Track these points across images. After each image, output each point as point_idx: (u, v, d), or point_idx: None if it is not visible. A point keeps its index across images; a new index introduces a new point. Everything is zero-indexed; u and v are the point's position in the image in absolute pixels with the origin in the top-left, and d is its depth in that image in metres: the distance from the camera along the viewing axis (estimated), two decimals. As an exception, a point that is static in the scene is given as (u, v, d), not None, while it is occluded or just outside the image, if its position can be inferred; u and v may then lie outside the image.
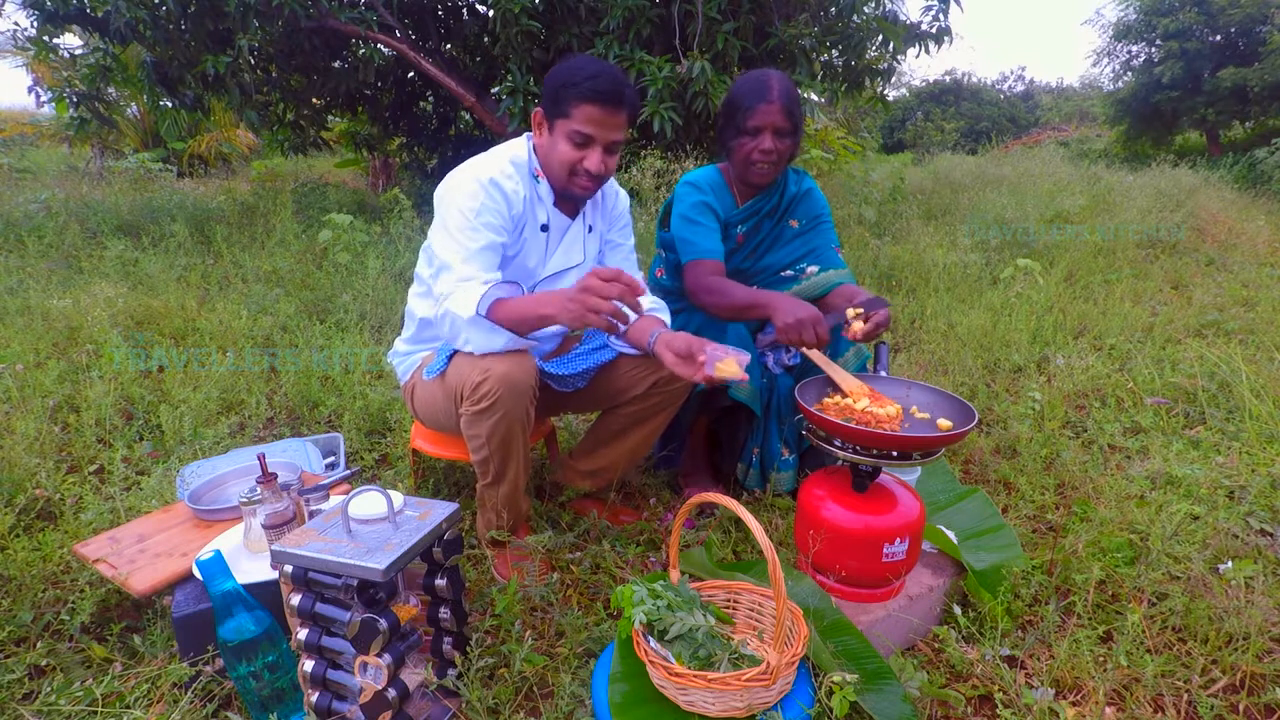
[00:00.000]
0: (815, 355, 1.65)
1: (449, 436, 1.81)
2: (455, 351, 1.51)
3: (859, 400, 1.47)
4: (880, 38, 5.81)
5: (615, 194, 1.81)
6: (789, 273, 1.93)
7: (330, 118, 7.76)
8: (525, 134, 1.65)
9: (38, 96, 6.29)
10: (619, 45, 5.06)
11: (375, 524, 1.14)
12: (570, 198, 1.61)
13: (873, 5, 5.72)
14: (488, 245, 1.49)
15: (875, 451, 1.33)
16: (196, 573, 1.27)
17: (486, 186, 1.50)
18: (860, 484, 1.42)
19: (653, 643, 1.19)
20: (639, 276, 1.85)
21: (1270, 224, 6.17)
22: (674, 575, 1.32)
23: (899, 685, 1.22)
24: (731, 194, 1.93)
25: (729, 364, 1.38)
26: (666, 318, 1.71)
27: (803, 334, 1.54)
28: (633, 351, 1.68)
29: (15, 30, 7.62)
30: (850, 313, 1.61)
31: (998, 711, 1.24)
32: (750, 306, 1.69)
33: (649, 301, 1.78)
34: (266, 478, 1.33)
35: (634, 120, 1.55)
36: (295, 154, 7.52)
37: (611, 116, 1.48)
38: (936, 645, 1.44)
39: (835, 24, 5.79)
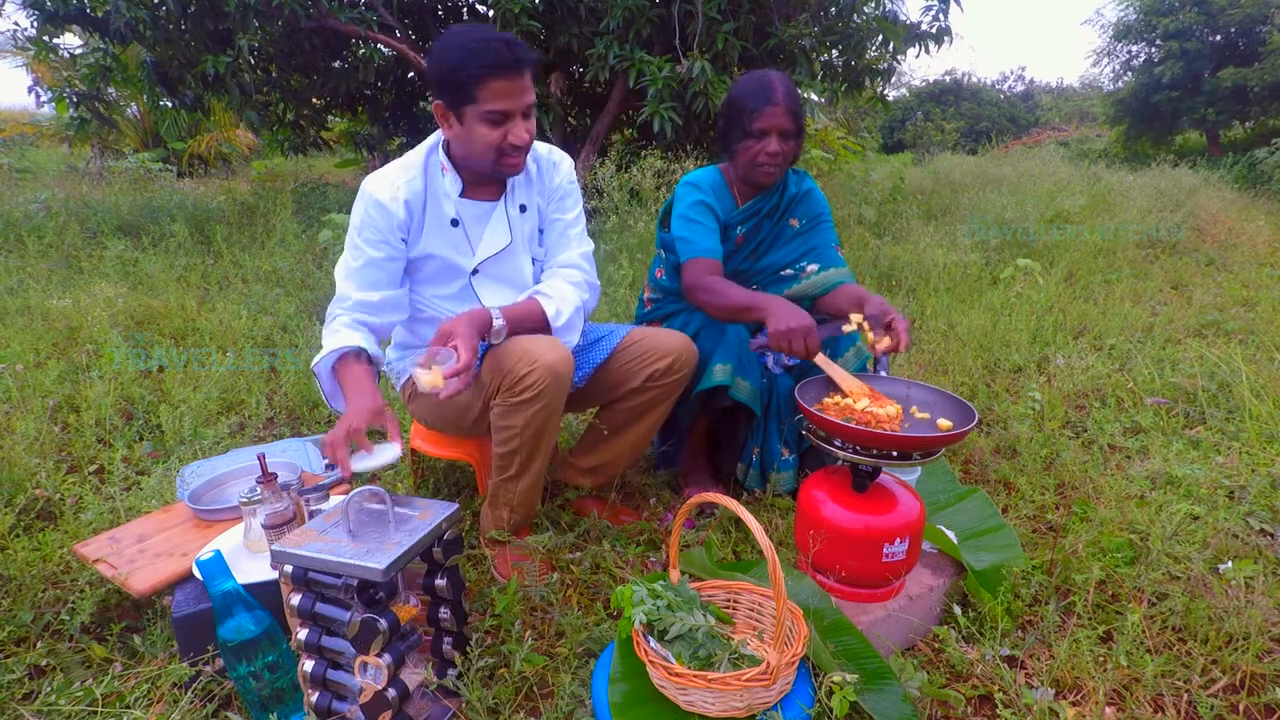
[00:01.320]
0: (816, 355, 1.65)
1: (449, 436, 1.81)
2: (488, 348, 1.52)
3: (859, 400, 1.47)
4: (880, 38, 5.82)
5: (552, 165, 1.70)
6: (789, 272, 1.93)
7: (330, 118, 7.76)
8: (434, 135, 1.60)
9: (38, 96, 6.28)
10: (619, 45, 5.06)
11: (375, 524, 1.14)
12: (504, 177, 1.59)
13: (873, 5, 5.72)
14: (367, 263, 1.53)
15: (875, 451, 1.33)
16: (196, 573, 1.27)
17: (366, 204, 1.53)
18: (860, 484, 1.42)
19: (653, 643, 1.19)
20: (573, 254, 1.71)
21: (1270, 224, 6.17)
22: (674, 575, 1.32)
23: (899, 685, 1.22)
24: (732, 195, 1.93)
25: (424, 374, 1.31)
26: (549, 306, 1.58)
27: (792, 343, 1.54)
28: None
29: (15, 30, 7.62)
30: (854, 318, 1.60)
31: (998, 711, 1.24)
32: (746, 309, 1.68)
33: (547, 283, 1.67)
34: (266, 478, 1.33)
35: (537, 72, 1.47)
36: (295, 154, 7.52)
37: (516, 82, 1.42)
38: (936, 645, 1.44)
39: (835, 24, 5.79)
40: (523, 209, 1.66)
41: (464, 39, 1.40)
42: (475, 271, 1.63)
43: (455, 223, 1.59)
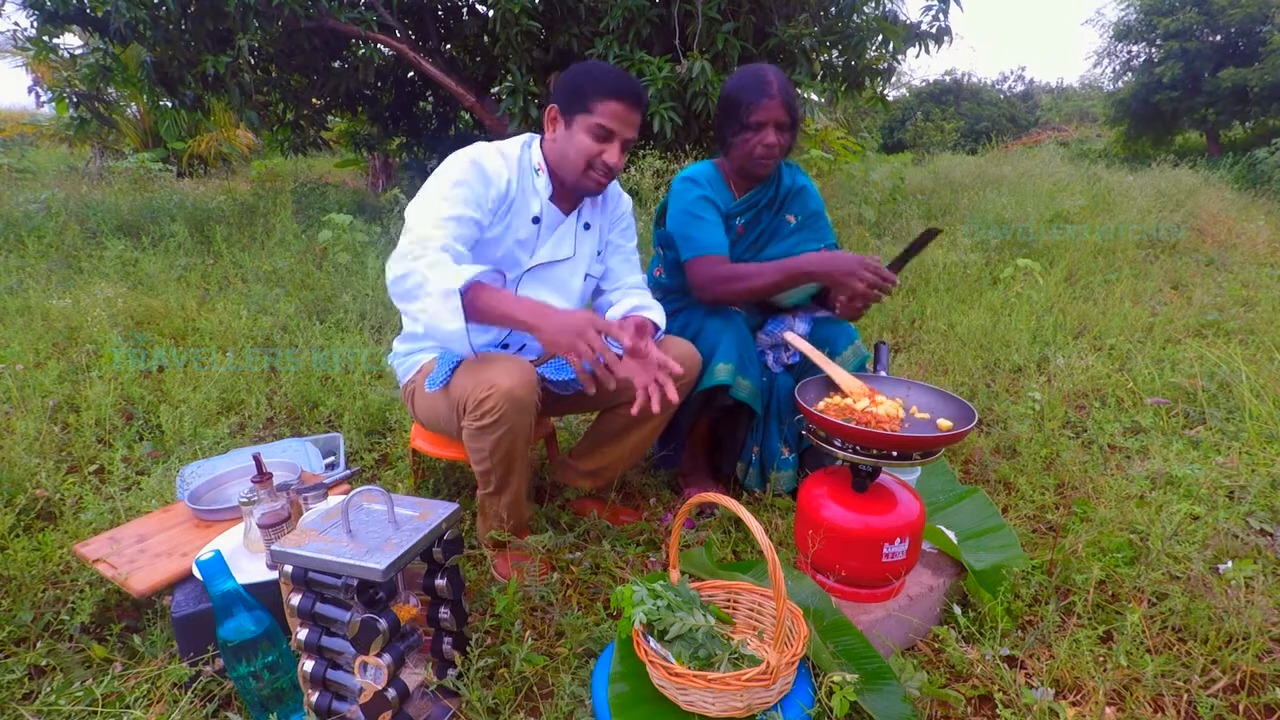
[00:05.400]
0: (815, 355, 1.65)
1: (450, 438, 1.81)
2: (459, 363, 1.51)
3: (859, 400, 1.47)
4: (880, 38, 5.81)
5: (617, 196, 1.83)
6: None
7: (330, 118, 7.76)
8: (526, 134, 1.68)
9: (38, 96, 6.28)
10: (619, 45, 5.06)
11: (375, 524, 1.14)
12: (581, 192, 1.65)
13: (873, 5, 5.71)
14: (460, 216, 1.48)
15: (875, 451, 1.33)
16: (196, 573, 1.27)
17: (470, 165, 1.54)
18: (860, 484, 1.42)
19: (653, 643, 1.19)
20: (639, 278, 1.86)
21: (1270, 224, 6.16)
22: (674, 575, 1.32)
23: (899, 685, 1.22)
24: (729, 187, 1.94)
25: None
26: (656, 317, 1.71)
27: (867, 280, 1.60)
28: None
29: (15, 30, 7.62)
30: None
31: (998, 711, 1.24)
32: (791, 275, 1.71)
33: (637, 298, 1.78)
34: (261, 477, 1.33)
35: (645, 118, 1.62)
36: (295, 154, 7.52)
37: (631, 114, 1.56)
38: (936, 645, 1.44)
39: (835, 24, 5.79)
40: (587, 227, 1.74)
41: (602, 66, 1.58)
42: (526, 270, 1.67)
43: (536, 220, 1.64)
